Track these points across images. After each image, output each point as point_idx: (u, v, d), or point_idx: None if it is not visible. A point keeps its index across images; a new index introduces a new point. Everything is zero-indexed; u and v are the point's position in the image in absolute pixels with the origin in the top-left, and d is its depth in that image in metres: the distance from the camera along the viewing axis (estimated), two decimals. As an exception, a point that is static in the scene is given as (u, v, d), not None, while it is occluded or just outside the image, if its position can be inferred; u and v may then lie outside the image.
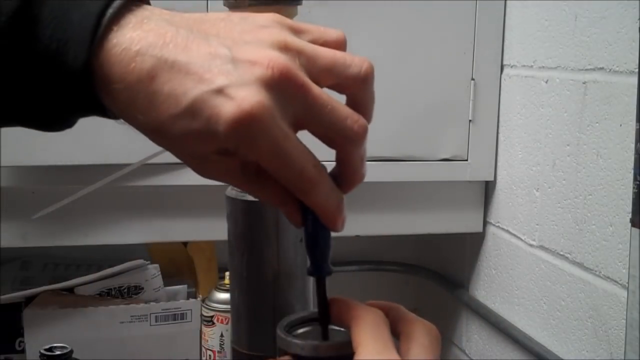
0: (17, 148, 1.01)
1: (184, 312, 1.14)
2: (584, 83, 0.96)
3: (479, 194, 1.24)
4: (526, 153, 1.11)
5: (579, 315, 0.98)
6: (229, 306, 0.71)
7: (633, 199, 0.84)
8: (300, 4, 0.56)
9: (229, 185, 0.60)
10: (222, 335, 1.13)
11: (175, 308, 1.14)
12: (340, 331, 0.48)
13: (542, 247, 1.07)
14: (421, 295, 1.57)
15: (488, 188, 1.23)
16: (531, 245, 1.10)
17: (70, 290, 1.13)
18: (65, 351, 0.95)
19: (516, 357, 1.15)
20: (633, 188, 0.84)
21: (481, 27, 1.16)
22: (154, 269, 1.18)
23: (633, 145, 0.85)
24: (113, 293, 1.15)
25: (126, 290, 1.16)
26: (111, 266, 1.17)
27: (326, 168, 0.44)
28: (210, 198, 1.04)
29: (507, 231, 1.18)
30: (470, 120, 1.18)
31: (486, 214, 1.24)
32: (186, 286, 1.23)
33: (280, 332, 0.46)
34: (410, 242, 1.49)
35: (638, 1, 0.86)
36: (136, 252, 1.21)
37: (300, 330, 0.48)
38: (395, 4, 1.12)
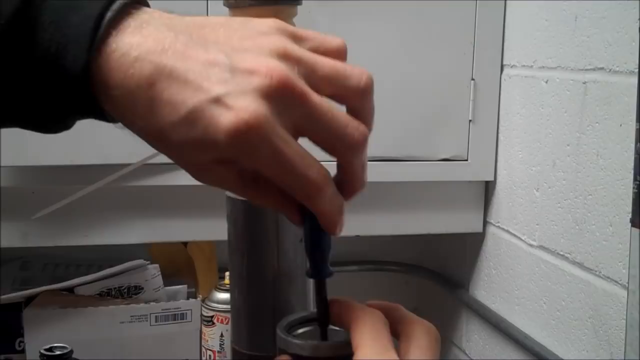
0: (17, 148, 1.01)
1: (184, 312, 1.14)
2: (584, 83, 0.96)
3: (479, 194, 1.24)
4: (526, 153, 1.11)
5: (579, 315, 0.98)
6: (229, 306, 0.71)
7: (633, 199, 0.84)
8: (300, 4, 0.56)
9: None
10: (222, 335, 1.13)
11: (175, 308, 1.14)
12: (339, 331, 0.48)
13: (542, 247, 1.07)
14: (421, 295, 1.57)
15: (488, 188, 1.23)
16: (531, 245, 1.10)
17: (70, 290, 1.13)
18: (65, 351, 0.95)
19: (516, 357, 1.15)
20: (633, 188, 0.84)
21: (481, 27, 1.16)
22: (154, 269, 1.18)
23: (633, 145, 0.85)
24: (113, 293, 1.15)
25: (126, 290, 1.16)
26: (111, 266, 1.17)
27: (330, 173, 0.43)
28: (210, 198, 1.04)
29: (507, 231, 1.18)
30: (470, 120, 1.18)
31: (486, 214, 1.24)
32: (186, 286, 1.23)
33: (280, 332, 0.46)
34: (410, 242, 1.49)
35: (638, 1, 0.86)
36: (136, 252, 1.21)
37: (300, 330, 0.48)
38: (395, 4, 1.12)
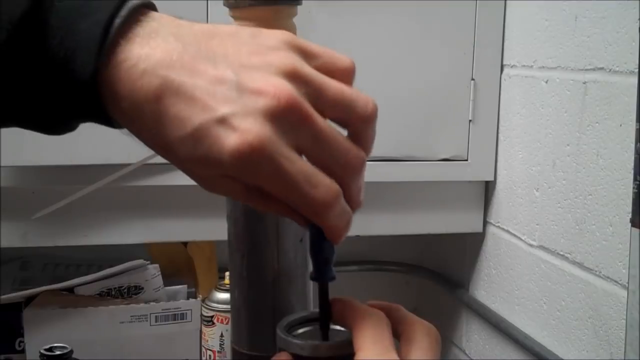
0: (17, 148, 1.01)
1: (184, 312, 1.14)
2: (584, 83, 0.96)
3: (479, 194, 1.24)
4: (526, 153, 1.11)
5: (579, 315, 0.98)
6: (229, 306, 0.71)
7: (633, 199, 0.84)
8: (300, 4, 0.56)
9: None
10: (222, 335, 1.13)
11: (175, 308, 1.14)
12: (340, 331, 0.48)
13: (542, 247, 1.07)
14: (421, 295, 1.57)
15: (488, 188, 1.23)
16: (531, 245, 1.10)
17: (70, 290, 1.13)
18: (65, 351, 0.95)
19: (516, 357, 1.15)
20: (633, 188, 0.84)
21: (481, 27, 1.16)
22: (154, 269, 1.18)
23: (633, 145, 0.85)
24: (113, 293, 1.15)
25: (126, 290, 1.16)
26: (111, 266, 1.17)
27: (340, 189, 0.43)
28: (210, 198, 1.04)
29: (507, 231, 1.18)
30: (470, 120, 1.18)
31: (486, 214, 1.24)
32: (186, 286, 1.23)
33: (280, 332, 0.46)
34: (410, 242, 1.49)
35: (638, 1, 0.86)
36: (136, 252, 1.21)
37: (300, 330, 0.48)
38: (395, 4, 1.12)
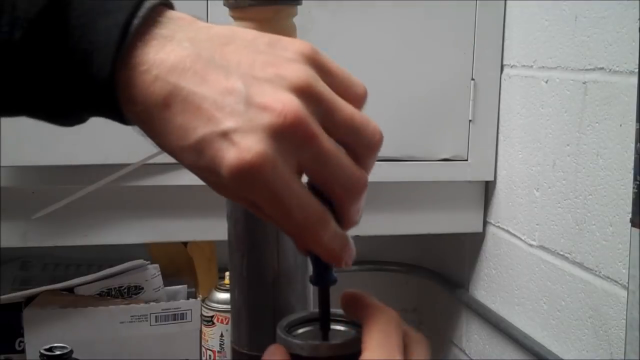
0: (17, 148, 1.01)
1: (184, 312, 1.14)
2: (584, 83, 0.96)
3: (479, 194, 1.24)
4: (526, 153, 1.11)
5: (579, 315, 0.98)
6: (229, 306, 0.71)
7: (633, 199, 0.84)
8: (300, 4, 0.56)
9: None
10: (222, 335, 1.13)
11: (175, 308, 1.14)
12: (340, 331, 0.48)
13: (542, 247, 1.07)
14: (421, 295, 1.57)
15: (488, 188, 1.23)
16: (531, 245, 1.10)
17: (70, 290, 1.13)
18: (65, 351, 0.95)
19: (516, 357, 1.15)
20: (633, 188, 0.84)
21: (481, 27, 1.16)
22: (154, 269, 1.18)
23: (633, 145, 0.85)
24: (113, 293, 1.15)
25: (126, 290, 1.16)
26: (111, 266, 1.17)
27: (329, 214, 0.43)
28: (210, 198, 1.04)
29: (507, 231, 1.18)
30: (470, 120, 1.18)
31: (486, 214, 1.24)
32: (186, 286, 1.23)
33: (280, 332, 0.46)
34: (410, 242, 1.49)
35: (638, 1, 0.86)
36: (136, 252, 1.21)
37: (300, 330, 0.48)
38: (395, 4, 1.12)
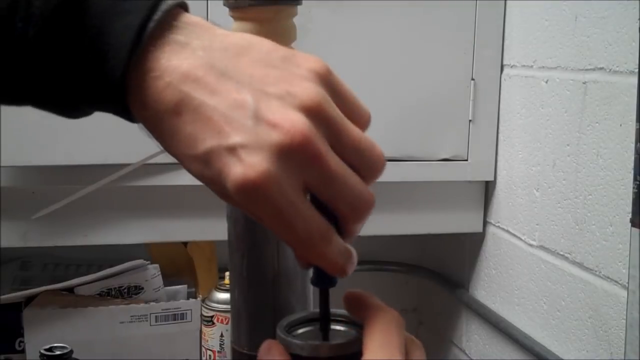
0: (17, 148, 1.01)
1: (184, 312, 1.14)
2: (584, 83, 0.96)
3: (479, 194, 1.24)
4: (526, 153, 1.11)
5: (579, 315, 0.98)
6: (229, 306, 0.71)
7: (633, 199, 0.84)
8: (300, 4, 0.56)
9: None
10: (222, 335, 1.13)
11: (175, 308, 1.14)
12: (340, 331, 0.48)
13: (542, 247, 1.07)
14: (421, 295, 1.57)
15: (488, 188, 1.23)
16: (531, 245, 1.10)
17: (70, 290, 1.13)
18: (65, 351, 0.95)
19: (516, 357, 1.15)
20: (633, 188, 0.84)
21: (481, 27, 1.16)
22: (154, 269, 1.18)
23: (633, 145, 0.85)
24: (113, 293, 1.15)
25: (126, 290, 1.16)
26: (111, 266, 1.17)
27: (334, 230, 0.42)
28: (210, 198, 1.04)
29: (507, 231, 1.18)
30: (470, 120, 1.18)
31: (486, 214, 1.24)
32: (186, 286, 1.23)
33: (280, 332, 0.46)
34: (410, 242, 1.49)
35: (638, 1, 0.86)
36: (136, 252, 1.21)
37: (300, 330, 0.48)
38: (395, 4, 1.12)
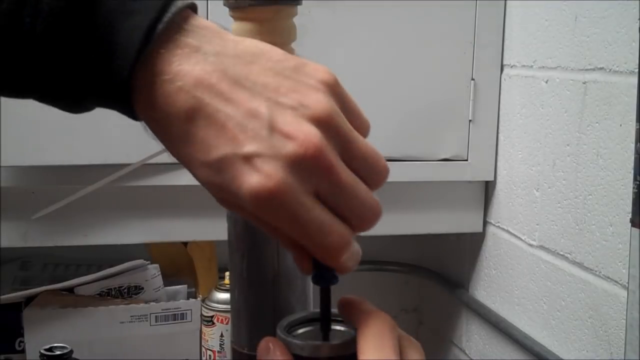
0: (17, 148, 1.01)
1: (184, 312, 1.14)
2: (584, 83, 0.96)
3: (479, 194, 1.24)
4: (526, 153, 1.11)
5: (579, 315, 0.98)
6: (229, 306, 0.71)
7: (633, 199, 0.84)
8: (300, 4, 0.56)
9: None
10: (222, 335, 1.13)
11: (175, 308, 1.14)
12: (340, 331, 0.48)
13: (542, 247, 1.07)
14: (421, 295, 1.57)
15: (488, 188, 1.23)
16: (531, 245, 1.10)
17: (70, 290, 1.13)
18: (65, 351, 0.95)
19: (516, 357, 1.15)
20: (633, 188, 0.84)
21: (481, 27, 1.16)
22: (154, 269, 1.18)
23: (633, 145, 0.85)
24: (113, 293, 1.15)
25: (126, 290, 1.16)
26: (111, 266, 1.17)
27: (352, 234, 0.43)
28: (210, 198, 1.04)
29: (507, 231, 1.18)
30: (470, 120, 1.18)
31: (486, 214, 1.24)
32: (186, 286, 1.23)
33: (280, 333, 0.46)
34: (410, 242, 1.49)
35: (638, 1, 0.86)
36: (136, 252, 1.21)
37: (300, 330, 0.48)
38: (395, 4, 1.12)
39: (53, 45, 0.41)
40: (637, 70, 0.85)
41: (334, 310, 0.48)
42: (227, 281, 1.11)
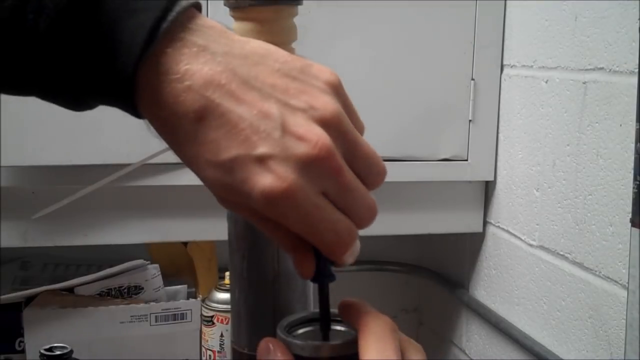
0: (17, 148, 1.01)
1: (184, 312, 1.14)
2: (584, 83, 0.96)
3: (479, 194, 1.24)
4: (526, 153, 1.11)
5: (579, 315, 0.98)
6: (229, 306, 0.71)
7: (633, 199, 0.84)
8: (300, 4, 0.56)
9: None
10: (222, 335, 1.13)
11: (175, 308, 1.14)
12: (340, 331, 0.48)
13: (542, 247, 1.07)
14: (421, 295, 1.57)
15: (488, 188, 1.23)
16: (531, 245, 1.10)
17: (70, 290, 1.13)
18: (65, 351, 0.95)
19: (516, 357, 1.15)
20: (633, 188, 0.84)
21: (481, 27, 1.16)
22: (154, 269, 1.18)
23: (633, 145, 0.85)
24: (113, 293, 1.15)
25: (126, 290, 1.16)
26: (111, 266, 1.17)
27: (357, 231, 0.44)
28: (210, 198, 1.04)
29: (507, 231, 1.18)
30: (470, 120, 1.18)
31: (486, 214, 1.24)
32: (186, 286, 1.23)
33: (280, 333, 0.46)
34: (410, 242, 1.49)
35: (638, 1, 0.86)
36: (136, 252, 1.21)
37: (300, 330, 0.48)
38: (395, 4, 1.12)
39: (56, 42, 0.41)
40: (637, 70, 0.85)
41: (334, 310, 0.48)
42: (227, 281, 1.11)
